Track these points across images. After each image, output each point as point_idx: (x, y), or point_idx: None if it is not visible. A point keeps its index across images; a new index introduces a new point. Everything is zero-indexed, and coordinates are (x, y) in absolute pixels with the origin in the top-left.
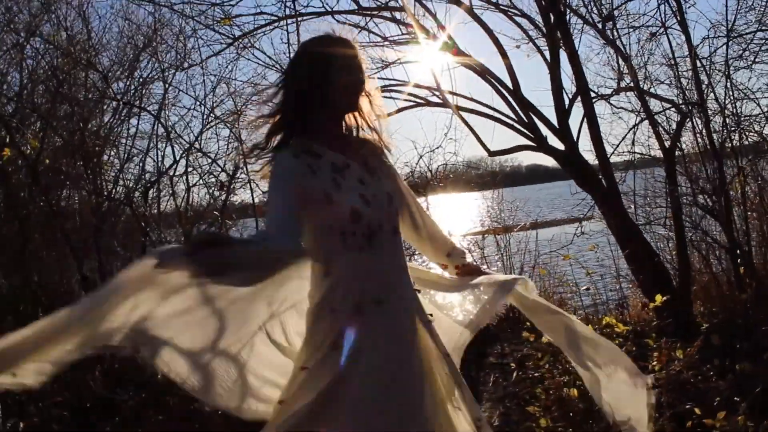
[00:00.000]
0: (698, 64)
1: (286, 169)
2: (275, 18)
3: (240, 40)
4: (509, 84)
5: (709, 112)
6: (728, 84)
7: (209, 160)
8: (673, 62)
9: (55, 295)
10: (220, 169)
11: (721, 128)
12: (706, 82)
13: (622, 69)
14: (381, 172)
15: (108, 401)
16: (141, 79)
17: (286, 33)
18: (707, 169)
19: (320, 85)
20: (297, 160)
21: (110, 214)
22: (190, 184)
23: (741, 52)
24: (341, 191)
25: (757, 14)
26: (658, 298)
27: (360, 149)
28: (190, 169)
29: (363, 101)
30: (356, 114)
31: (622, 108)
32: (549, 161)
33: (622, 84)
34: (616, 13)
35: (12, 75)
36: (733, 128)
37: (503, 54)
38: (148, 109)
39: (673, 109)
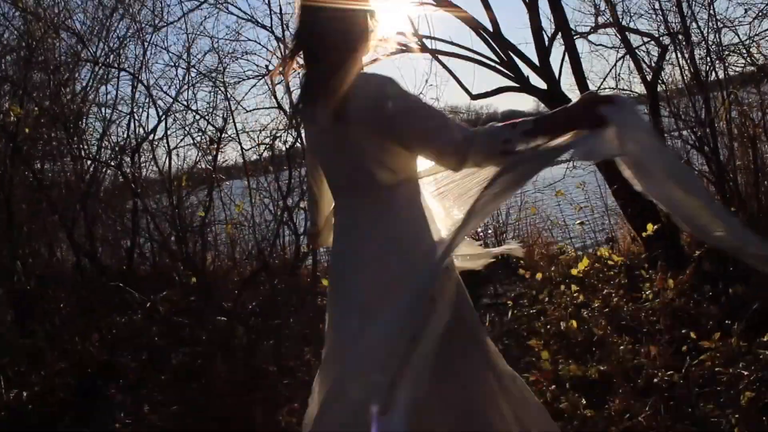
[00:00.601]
0: None
1: None
2: None
3: None
4: (488, 26)
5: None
6: (711, 12)
7: (195, 117)
8: None
9: (46, 265)
10: (206, 125)
11: (705, 58)
12: (688, 13)
13: (598, 5)
14: None
15: (109, 365)
16: (118, 39)
17: None
18: (692, 101)
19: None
20: None
21: (96, 179)
22: (173, 146)
23: None
24: None
25: None
26: (650, 227)
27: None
28: (175, 129)
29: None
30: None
31: (601, 45)
32: (525, 105)
33: (601, 20)
34: None
35: None
36: (716, 58)
37: None
38: (126, 69)
39: (653, 42)
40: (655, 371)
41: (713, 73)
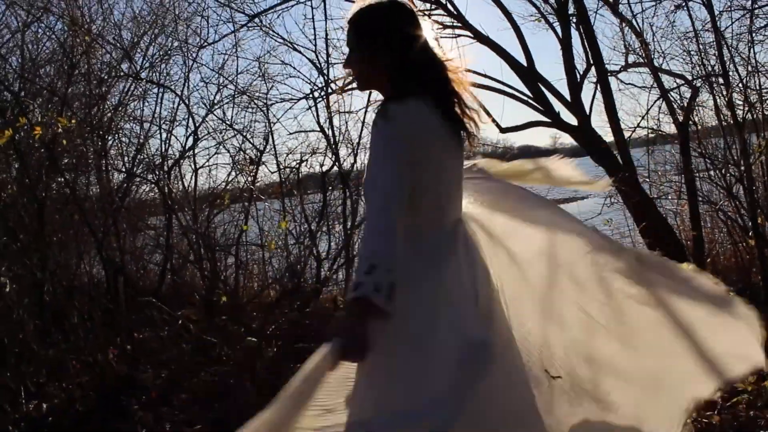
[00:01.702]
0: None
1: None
2: None
3: (257, 18)
4: (521, 60)
5: (731, 84)
6: (751, 55)
7: (236, 136)
8: (693, 35)
9: (74, 277)
10: (244, 142)
11: (742, 101)
12: (727, 56)
13: (631, 45)
14: None
15: (132, 380)
16: (161, 55)
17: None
18: (726, 142)
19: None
20: None
21: (128, 193)
22: (203, 164)
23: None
24: None
25: None
26: (685, 266)
27: None
28: (208, 146)
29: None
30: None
31: (631, 84)
32: (541, 141)
33: (632, 59)
34: None
35: (18, 55)
36: (755, 101)
37: (516, 28)
38: (167, 85)
39: (685, 84)
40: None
41: (751, 114)
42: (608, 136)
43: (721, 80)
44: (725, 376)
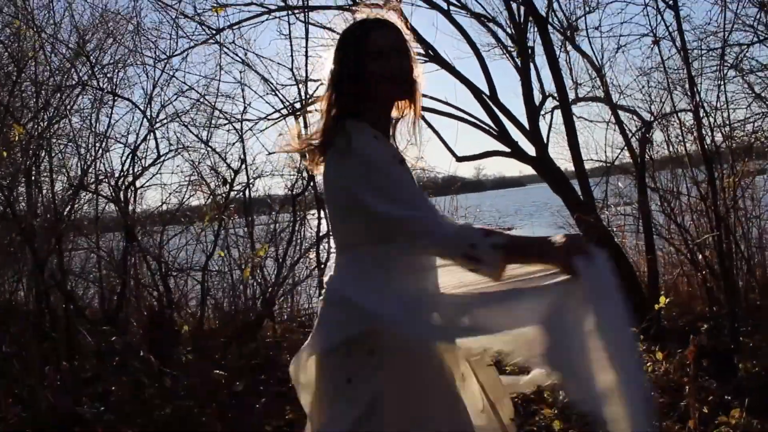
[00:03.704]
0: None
1: (381, 149)
2: (267, 10)
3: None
4: (482, 87)
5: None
6: (721, 89)
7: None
8: (663, 72)
9: (11, 298)
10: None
11: (710, 132)
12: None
13: (582, 78)
14: None
15: (72, 416)
16: (117, 64)
17: (287, 24)
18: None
19: (360, 77)
20: (381, 143)
21: (74, 209)
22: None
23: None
24: None
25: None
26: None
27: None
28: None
29: (416, 87)
30: (408, 103)
31: (582, 117)
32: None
33: (584, 93)
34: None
35: None
36: (727, 133)
37: (479, 56)
38: (129, 98)
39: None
40: None
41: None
42: (564, 165)
43: (675, 117)
44: None
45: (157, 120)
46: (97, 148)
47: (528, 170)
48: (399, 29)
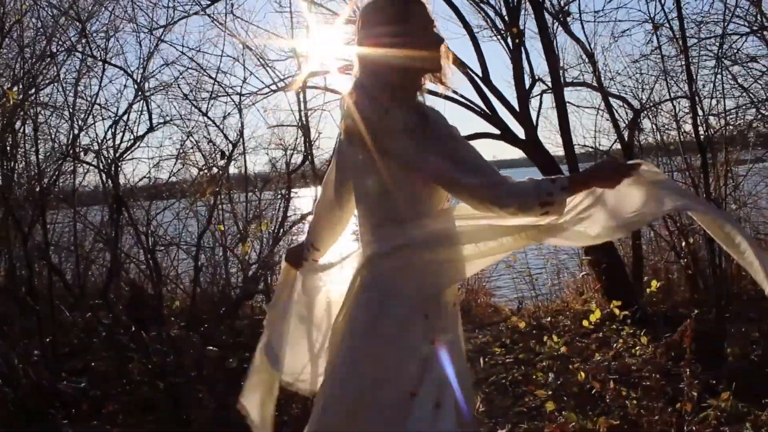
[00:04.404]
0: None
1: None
2: None
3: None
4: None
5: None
6: (718, 78)
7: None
8: (661, 61)
9: None
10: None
11: (704, 120)
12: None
13: (569, 63)
14: None
15: (56, 393)
16: (108, 31)
17: None
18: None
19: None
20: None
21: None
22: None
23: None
24: None
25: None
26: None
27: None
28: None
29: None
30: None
31: (570, 102)
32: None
33: (578, 78)
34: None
35: None
36: (722, 119)
37: (473, 37)
38: (121, 66)
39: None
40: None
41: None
42: (551, 151)
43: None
44: None
45: (151, 89)
46: (85, 117)
47: (519, 154)
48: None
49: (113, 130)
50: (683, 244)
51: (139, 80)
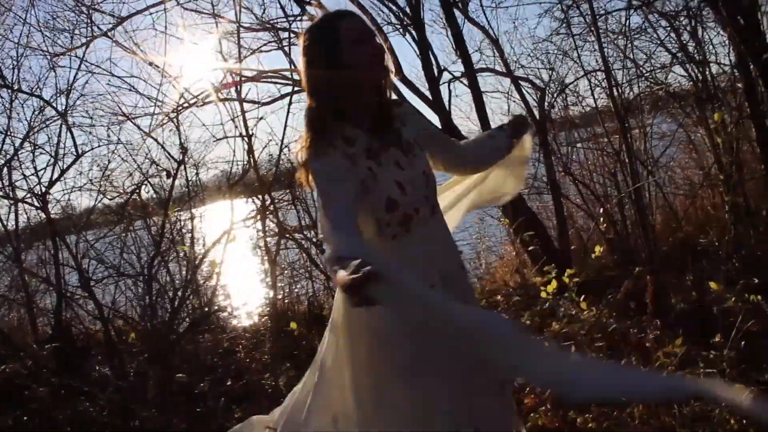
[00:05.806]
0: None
1: (330, 162)
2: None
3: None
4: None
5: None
6: (628, 51)
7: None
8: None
9: None
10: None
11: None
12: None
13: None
14: (416, 143)
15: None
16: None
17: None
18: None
19: (340, 68)
20: (335, 150)
21: None
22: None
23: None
24: (377, 180)
25: None
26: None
27: (394, 120)
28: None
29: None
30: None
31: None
32: None
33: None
34: None
35: None
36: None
37: (383, 35)
38: (38, 94)
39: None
40: None
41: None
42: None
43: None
44: None
45: (72, 116)
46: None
47: None
48: (359, 15)
49: (33, 164)
50: (600, 210)
51: (61, 109)
